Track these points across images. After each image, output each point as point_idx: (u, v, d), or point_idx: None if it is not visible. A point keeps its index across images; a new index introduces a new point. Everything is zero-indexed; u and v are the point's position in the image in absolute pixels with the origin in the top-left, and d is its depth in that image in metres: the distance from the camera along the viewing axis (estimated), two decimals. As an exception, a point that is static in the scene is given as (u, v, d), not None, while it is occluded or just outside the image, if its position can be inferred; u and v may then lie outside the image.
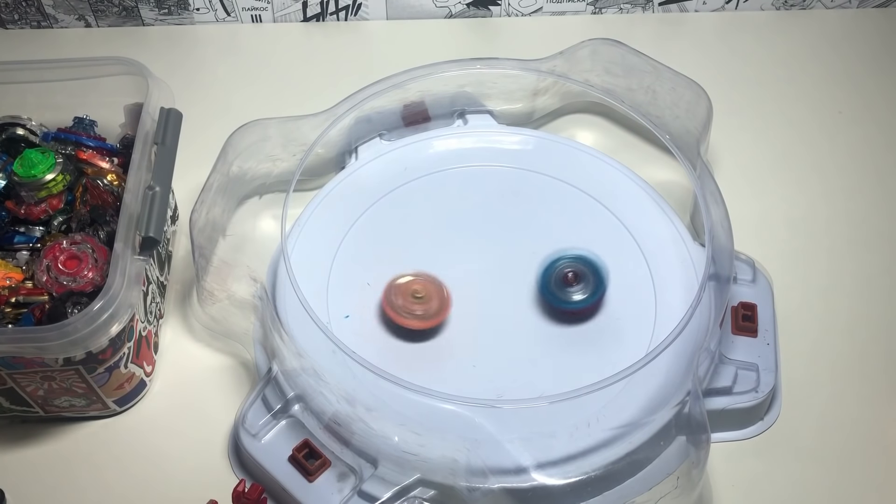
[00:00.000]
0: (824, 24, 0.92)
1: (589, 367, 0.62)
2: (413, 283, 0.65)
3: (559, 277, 0.64)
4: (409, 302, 0.65)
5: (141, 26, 0.92)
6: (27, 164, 0.66)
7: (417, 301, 0.65)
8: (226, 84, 0.87)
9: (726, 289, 0.63)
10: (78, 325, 0.55)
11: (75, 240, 0.62)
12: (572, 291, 0.64)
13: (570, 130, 0.81)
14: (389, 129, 0.78)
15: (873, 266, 0.72)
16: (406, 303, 0.65)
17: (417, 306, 0.64)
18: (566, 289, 0.64)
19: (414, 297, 0.65)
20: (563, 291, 0.64)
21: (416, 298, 0.65)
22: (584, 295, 0.64)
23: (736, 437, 0.63)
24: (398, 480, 0.58)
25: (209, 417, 0.64)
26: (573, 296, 0.64)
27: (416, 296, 0.65)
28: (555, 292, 0.64)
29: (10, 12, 0.90)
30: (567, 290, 0.64)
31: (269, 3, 0.90)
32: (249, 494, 0.57)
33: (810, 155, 0.80)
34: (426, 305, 0.65)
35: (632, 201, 0.72)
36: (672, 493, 0.57)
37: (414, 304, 0.64)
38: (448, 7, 0.91)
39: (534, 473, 0.57)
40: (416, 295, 0.65)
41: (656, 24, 0.92)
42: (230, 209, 0.73)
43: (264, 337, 0.65)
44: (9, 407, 0.63)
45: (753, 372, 0.63)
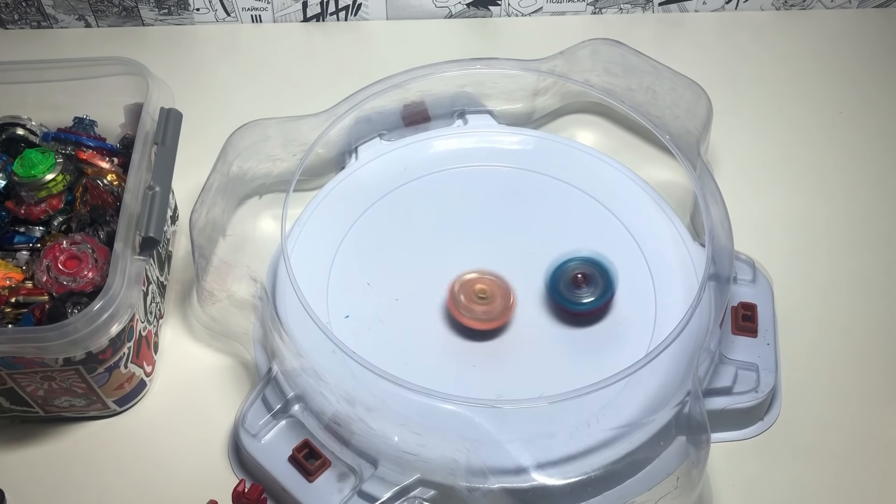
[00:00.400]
0: (824, 24, 0.92)
1: (589, 367, 0.62)
2: (478, 282, 0.65)
3: (568, 279, 0.64)
4: (472, 301, 0.64)
5: (141, 26, 0.92)
6: (27, 164, 0.66)
7: (481, 301, 0.65)
8: (226, 84, 0.87)
9: (726, 289, 0.63)
10: (78, 325, 0.55)
11: (75, 240, 0.62)
12: (581, 293, 0.64)
13: (570, 130, 0.81)
14: (389, 129, 0.78)
15: (873, 266, 0.72)
16: (469, 301, 0.64)
17: (479, 307, 0.64)
18: (575, 290, 0.64)
19: (478, 296, 0.65)
20: (572, 293, 0.64)
21: (480, 298, 0.65)
22: (592, 297, 0.64)
23: (736, 437, 0.63)
24: (398, 480, 0.58)
25: (209, 417, 0.64)
26: (582, 297, 0.64)
27: (480, 296, 0.65)
28: (564, 293, 0.64)
29: (10, 12, 0.90)
30: (576, 292, 0.64)
31: (269, 3, 0.90)
32: (249, 494, 0.57)
33: (810, 155, 0.80)
34: (489, 307, 0.65)
35: (632, 201, 0.72)
36: (672, 493, 0.57)
37: (476, 303, 0.64)
38: (448, 7, 0.91)
39: (534, 473, 0.57)
40: (480, 295, 0.65)
41: (656, 24, 0.92)
42: (230, 209, 0.73)
43: (264, 337, 0.65)
44: (9, 407, 0.63)
45: (753, 372, 0.63)
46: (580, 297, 0.64)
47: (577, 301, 0.64)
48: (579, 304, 0.64)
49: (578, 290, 0.64)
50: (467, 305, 0.64)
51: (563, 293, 0.64)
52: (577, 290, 0.64)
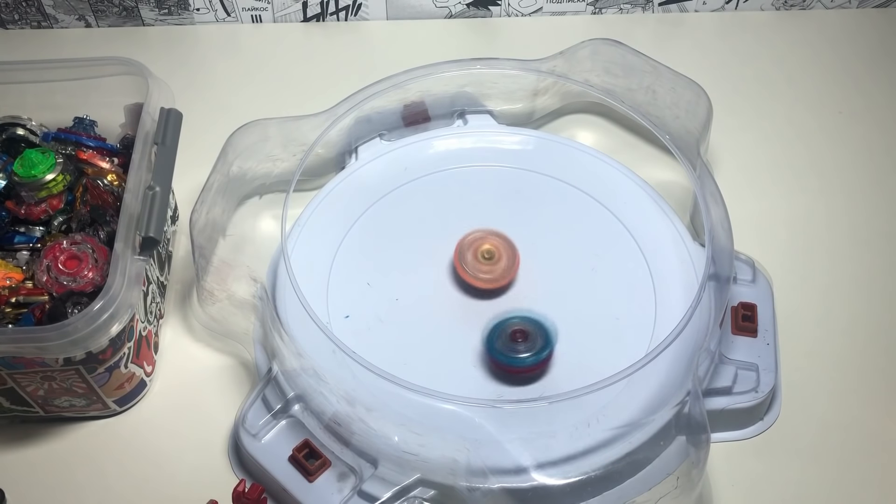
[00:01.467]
0: (824, 24, 0.92)
1: (589, 367, 0.62)
2: (484, 242, 0.67)
3: (507, 335, 0.63)
4: (479, 261, 0.65)
5: (141, 26, 0.92)
6: (27, 164, 0.66)
7: (486, 261, 0.65)
8: (226, 84, 0.87)
9: (726, 289, 0.63)
10: (78, 325, 0.55)
11: (75, 240, 0.62)
12: (518, 349, 0.62)
13: (570, 130, 0.81)
14: (389, 129, 0.78)
15: (873, 266, 0.72)
16: (476, 261, 0.65)
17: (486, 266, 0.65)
18: (513, 346, 0.62)
19: (484, 256, 0.66)
20: (510, 348, 0.62)
21: (486, 259, 0.66)
22: (529, 353, 0.62)
23: (736, 437, 0.63)
24: (398, 480, 0.58)
25: (209, 417, 0.64)
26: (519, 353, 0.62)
27: (486, 256, 0.66)
28: (501, 349, 0.62)
29: (10, 12, 0.90)
30: (514, 347, 0.62)
31: (269, 3, 0.90)
32: (249, 494, 0.57)
33: (810, 155, 0.80)
34: (494, 266, 0.65)
35: (632, 201, 0.72)
36: (672, 493, 0.57)
37: (483, 263, 0.65)
38: (448, 7, 0.91)
39: (534, 473, 0.57)
40: (486, 255, 0.66)
41: (656, 24, 0.92)
42: (230, 209, 0.73)
43: (264, 337, 0.65)
44: (9, 407, 0.63)
45: (753, 372, 0.63)
46: (518, 353, 0.62)
47: (513, 357, 0.62)
48: (516, 360, 0.62)
49: (516, 345, 0.62)
50: (473, 263, 0.65)
51: (501, 349, 0.62)
52: (514, 345, 0.62)
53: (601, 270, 0.68)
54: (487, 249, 0.66)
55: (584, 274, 0.68)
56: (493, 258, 0.66)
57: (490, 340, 0.63)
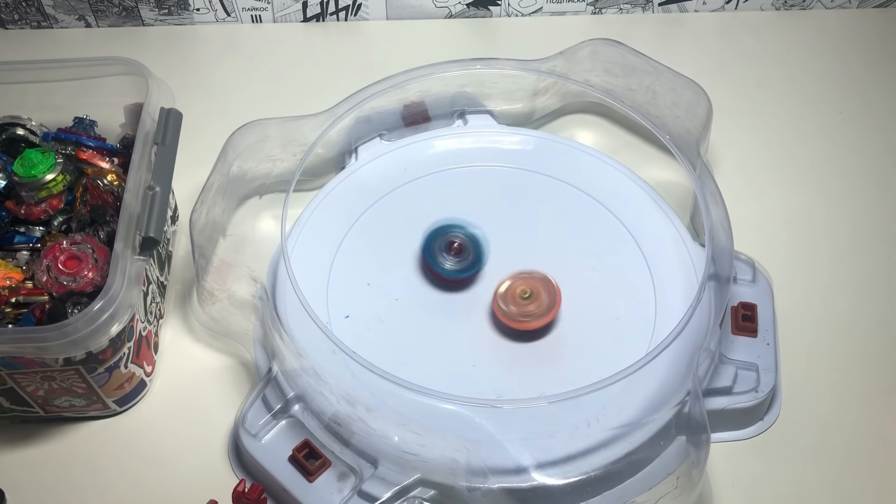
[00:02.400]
0: (824, 24, 0.92)
1: (589, 368, 0.62)
2: (516, 286, 0.65)
3: (444, 244, 0.63)
4: (520, 305, 0.64)
5: (141, 26, 0.92)
6: (27, 164, 0.66)
7: (526, 301, 0.64)
8: (226, 84, 0.87)
9: (726, 289, 0.63)
10: (78, 325, 0.55)
11: (75, 240, 0.62)
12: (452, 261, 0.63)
13: (570, 130, 0.81)
14: (389, 129, 0.78)
15: (873, 266, 0.72)
16: (518, 307, 0.64)
17: (528, 306, 0.64)
18: (447, 256, 0.63)
19: (522, 298, 0.64)
20: (444, 258, 0.63)
21: (524, 299, 0.64)
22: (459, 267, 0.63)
23: (736, 437, 0.63)
24: (398, 480, 0.58)
25: (209, 417, 0.64)
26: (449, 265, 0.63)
27: (523, 297, 0.65)
28: (435, 257, 0.63)
29: (10, 12, 0.90)
30: (447, 258, 0.63)
31: (269, 3, 0.90)
32: (249, 494, 0.57)
33: (810, 155, 0.80)
34: (536, 303, 0.64)
35: (632, 201, 0.72)
36: (672, 493, 0.57)
37: (524, 305, 0.64)
38: (448, 7, 0.91)
39: (534, 473, 0.57)
40: (523, 296, 0.65)
41: (656, 24, 0.92)
42: (230, 209, 0.73)
43: (264, 337, 0.65)
44: (9, 407, 0.63)
45: (753, 372, 0.63)
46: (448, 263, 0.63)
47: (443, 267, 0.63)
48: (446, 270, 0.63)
49: (450, 256, 0.62)
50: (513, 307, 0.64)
51: (435, 257, 0.63)
52: (448, 256, 0.62)
53: (601, 270, 0.68)
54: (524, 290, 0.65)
55: (584, 274, 0.68)
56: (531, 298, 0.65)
57: (428, 242, 0.63)
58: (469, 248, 0.63)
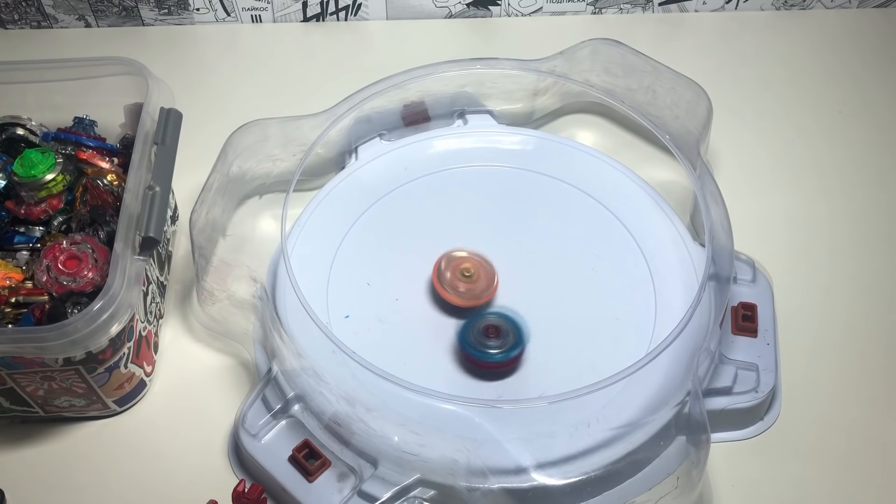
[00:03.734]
0: (824, 24, 0.92)
1: (589, 367, 0.62)
2: (465, 261, 0.66)
3: (479, 329, 0.63)
4: (457, 278, 0.65)
5: (141, 26, 0.92)
6: (27, 164, 0.66)
7: (465, 279, 0.65)
8: (226, 84, 0.87)
9: (726, 289, 0.63)
10: (78, 325, 0.55)
11: (75, 240, 0.62)
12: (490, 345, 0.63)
13: (570, 130, 0.81)
14: (389, 129, 0.78)
15: (873, 266, 0.72)
16: (454, 278, 0.65)
17: (463, 284, 0.65)
18: (485, 341, 0.63)
19: (463, 274, 0.65)
20: (482, 343, 0.63)
21: (465, 276, 0.65)
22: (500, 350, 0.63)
23: (736, 437, 0.63)
24: (398, 480, 0.58)
25: (209, 417, 0.64)
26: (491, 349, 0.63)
27: (465, 273, 0.65)
28: (473, 343, 0.63)
29: (10, 12, 0.90)
30: (486, 343, 0.63)
31: (269, 3, 0.90)
32: (249, 494, 0.57)
33: (810, 155, 0.80)
34: (472, 285, 0.65)
35: (632, 201, 0.72)
36: (672, 493, 0.57)
37: (461, 281, 0.65)
38: (448, 7, 0.91)
39: (534, 473, 0.57)
40: (465, 273, 0.65)
41: (656, 24, 0.92)
42: (230, 209, 0.73)
43: (264, 337, 0.65)
44: (9, 407, 0.63)
45: (753, 372, 0.63)
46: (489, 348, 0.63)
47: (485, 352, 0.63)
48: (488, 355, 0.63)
49: (488, 341, 0.63)
50: (452, 282, 0.65)
51: (473, 343, 0.63)
52: (486, 341, 0.63)
53: (601, 270, 0.68)
54: (467, 268, 0.66)
55: (584, 274, 0.68)
56: (472, 276, 0.66)
57: (463, 333, 0.64)
58: (506, 331, 0.64)
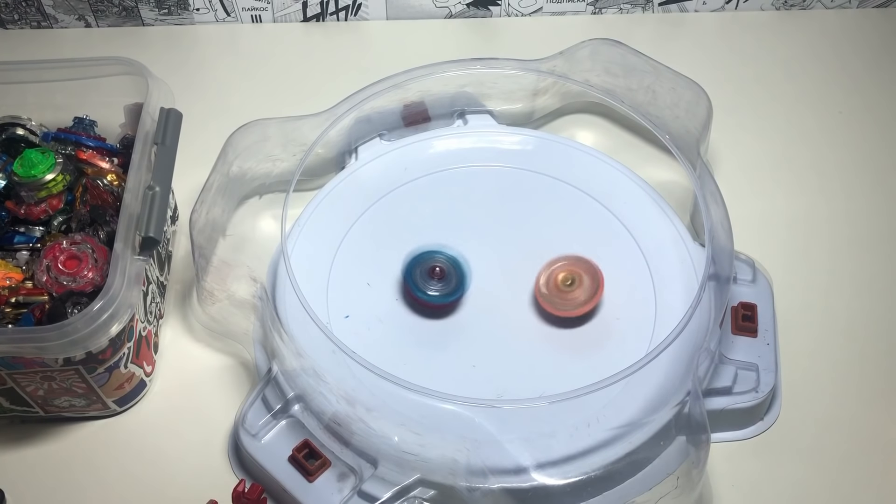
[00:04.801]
0: (824, 24, 0.92)
1: (589, 367, 0.62)
2: (559, 271, 0.66)
3: (426, 269, 0.64)
4: (563, 292, 0.65)
5: (141, 26, 0.92)
6: (27, 164, 0.66)
7: (568, 289, 0.65)
8: (226, 84, 0.87)
9: (726, 289, 0.63)
10: (78, 325, 0.55)
11: (75, 240, 0.62)
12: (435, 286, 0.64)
13: (570, 130, 0.81)
14: (389, 129, 0.78)
15: (873, 266, 0.72)
16: (560, 293, 0.65)
17: (569, 294, 0.65)
18: (430, 281, 0.64)
19: (564, 285, 0.65)
20: (426, 283, 0.64)
21: (567, 286, 0.65)
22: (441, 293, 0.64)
23: (736, 437, 0.63)
24: (398, 480, 0.58)
25: (209, 417, 0.64)
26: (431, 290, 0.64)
27: (565, 284, 0.65)
28: (417, 283, 0.64)
29: (10, 12, 0.90)
30: (430, 284, 0.64)
31: (269, 3, 0.90)
32: (249, 494, 0.57)
33: (810, 155, 0.80)
34: (577, 292, 0.65)
35: (632, 201, 0.72)
36: (672, 493, 0.57)
37: (565, 292, 0.65)
38: (448, 7, 0.91)
39: (534, 473, 0.57)
40: (565, 283, 0.65)
41: (656, 24, 0.92)
42: (230, 209, 0.73)
43: (264, 337, 0.65)
44: (9, 407, 0.63)
45: (753, 372, 0.63)
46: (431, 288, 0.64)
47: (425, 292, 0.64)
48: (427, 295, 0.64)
49: (432, 282, 0.64)
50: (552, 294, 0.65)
51: (418, 283, 0.64)
52: (431, 281, 0.64)
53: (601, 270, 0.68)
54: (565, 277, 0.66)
55: (584, 274, 0.68)
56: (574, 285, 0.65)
57: (409, 269, 0.64)
58: (452, 273, 0.64)
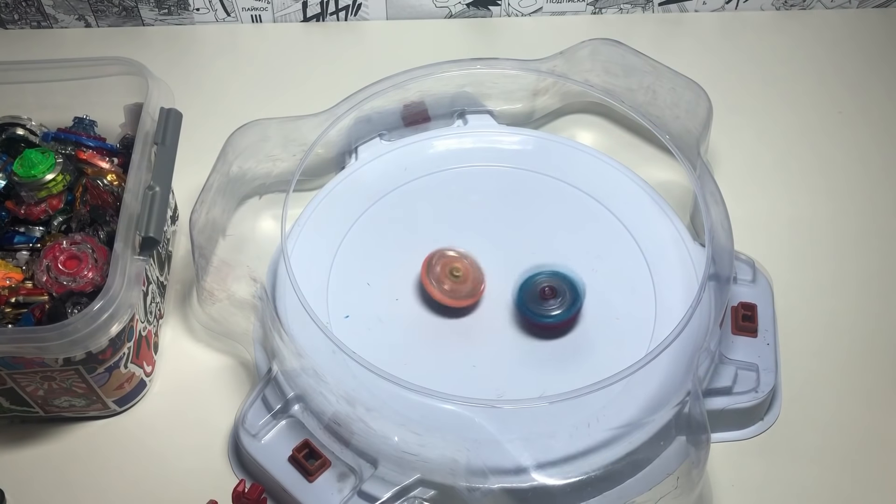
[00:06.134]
0: (824, 24, 0.92)
1: (589, 367, 0.62)
2: (455, 261, 0.66)
3: (536, 292, 0.64)
4: (446, 276, 0.65)
5: (141, 26, 0.92)
6: (27, 164, 0.66)
7: (454, 279, 0.65)
8: (226, 84, 0.87)
9: (726, 289, 0.63)
10: (78, 325, 0.55)
11: (75, 240, 0.62)
12: (549, 307, 0.64)
13: (570, 130, 0.81)
14: (389, 129, 0.78)
15: (873, 266, 0.72)
16: (443, 276, 0.65)
17: (451, 283, 0.65)
18: (543, 303, 0.64)
19: (452, 274, 0.65)
20: (540, 306, 0.64)
21: (454, 276, 0.65)
22: (560, 309, 0.64)
23: (736, 437, 0.63)
24: (398, 480, 0.58)
25: (209, 417, 0.64)
26: (550, 311, 0.64)
27: (454, 273, 0.65)
28: (532, 307, 0.64)
29: (10, 12, 0.90)
30: (544, 305, 0.64)
31: (269, 3, 0.90)
32: (249, 494, 0.57)
33: (810, 155, 0.80)
34: (460, 285, 0.65)
35: (632, 201, 0.72)
36: (672, 493, 0.57)
37: (449, 280, 0.65)
38: (448, 7, 0.91)
39: (534, 473, 0.57)
40: (454, 273, 0.65)
41: (656, 24, 0.92)
42: (230, 209, 0.73)
43: (264, 337, 0.65)
44: (9, 407, 0.63)
45: (753, 372, 0.63)
46: (548, 310, 0.64)
47: (545, 314, 0.64)
48: (548, 316, 0.64)
49: (546, 302, 0.64)
50: (440, 280, 0.65)
51: (531, 307, 0.64)
52: (544, 303, 0.64)
53: (601, 270, 0.68)
54: (456, 267, 0.66)
55: (584, 274, 0.68)
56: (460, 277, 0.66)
57: (520, 298, 0.64)
58: (563, 290, 0.65)
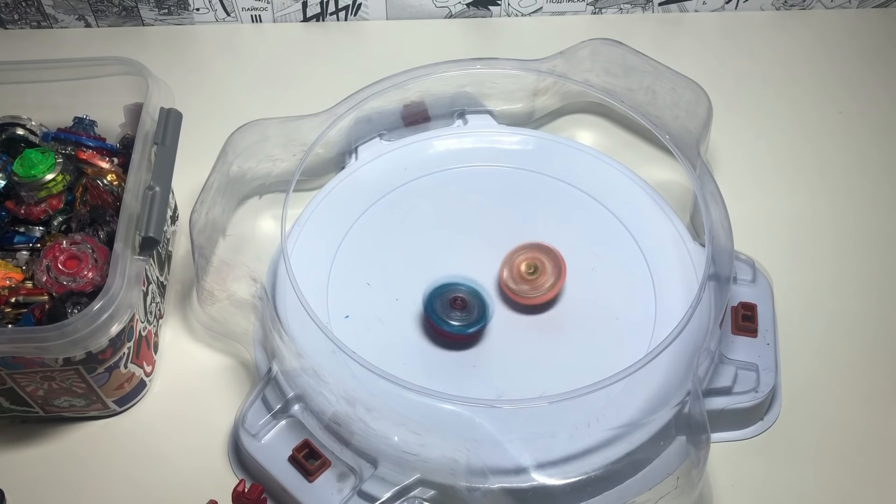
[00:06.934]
0: (824, 24, 0.92)
1: (589, 367, 0.62)
2: (521, 261, 0.66)
3: (447, 300, 0.64)
4: (527, 281, 0.65)
5: (141, 26, 0.92)
6: (27, 164, 0.66)
7: (532, 276, 0.65)
8: (226, 84, 0.87)
9: (726, 289, 0.63)
10: (78, 325, 0.55)
11: (75, 240, 0.62)
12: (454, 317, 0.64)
13: (570, 130, 0.81)
14: (389, 129, 0.78)
15: (873, 266, 0.72)
16: (525, 281, 0.65)
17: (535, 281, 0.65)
18: (451, 312, 0.64)
19: (528, 273, 0.65)
20: (447, 314, 0.64)
21: (530, 275, 0.65)
22: (463, 323, 0.64)
23: (736, 437, 0.63)
24: (398, 480, 0.58)
25: (209, 417, 0.64)
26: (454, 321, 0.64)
27: (529, 272, 0.66)
28: (440, 313, 0.64)
29: (10, 12, 0.90)
30: (450, 314, 0.64)
31: (269, 3, 0.90)
32: (249, 494, 0.57)
33: (810, 155, 0.80)
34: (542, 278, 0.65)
35: (632, 201, 0.72)
36: (672, 493, 0.57)
37: (529, 280, 0.65)
38: (448, 7, 0.91)
39: (534, 473, 0.57)
40: (529, 271, 0.66)
41: (656, 24, 0.92)
42: (230, 209, 0.73)
43: (264, 337, 0.65)
44: (9, 407, 0.63)
45: (753, 372, 0.63)
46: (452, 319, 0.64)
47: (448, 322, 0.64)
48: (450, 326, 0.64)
49: (453, 312, 0.64)
50: (517, 284, 0.65)
51: (440, 313, 0.64)
52: (451, 311, 0.64)
53: (601, 270, 0.68)
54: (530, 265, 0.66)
55: (584, 274, 0.68)
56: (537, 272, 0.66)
57: (430, 300, 0.64)
58: (473, 303, 0.64)
